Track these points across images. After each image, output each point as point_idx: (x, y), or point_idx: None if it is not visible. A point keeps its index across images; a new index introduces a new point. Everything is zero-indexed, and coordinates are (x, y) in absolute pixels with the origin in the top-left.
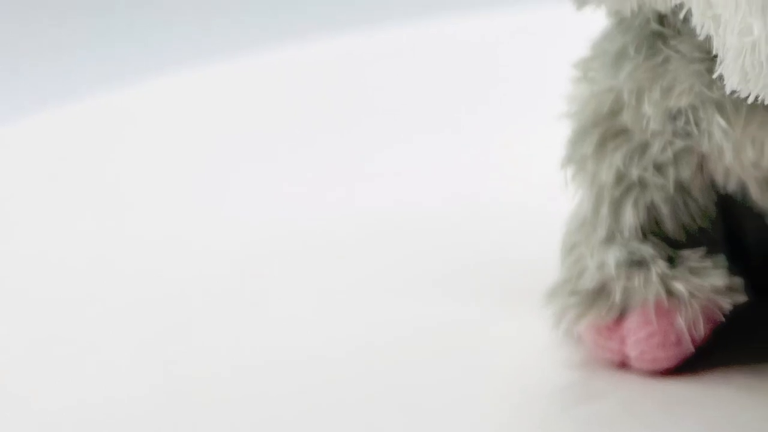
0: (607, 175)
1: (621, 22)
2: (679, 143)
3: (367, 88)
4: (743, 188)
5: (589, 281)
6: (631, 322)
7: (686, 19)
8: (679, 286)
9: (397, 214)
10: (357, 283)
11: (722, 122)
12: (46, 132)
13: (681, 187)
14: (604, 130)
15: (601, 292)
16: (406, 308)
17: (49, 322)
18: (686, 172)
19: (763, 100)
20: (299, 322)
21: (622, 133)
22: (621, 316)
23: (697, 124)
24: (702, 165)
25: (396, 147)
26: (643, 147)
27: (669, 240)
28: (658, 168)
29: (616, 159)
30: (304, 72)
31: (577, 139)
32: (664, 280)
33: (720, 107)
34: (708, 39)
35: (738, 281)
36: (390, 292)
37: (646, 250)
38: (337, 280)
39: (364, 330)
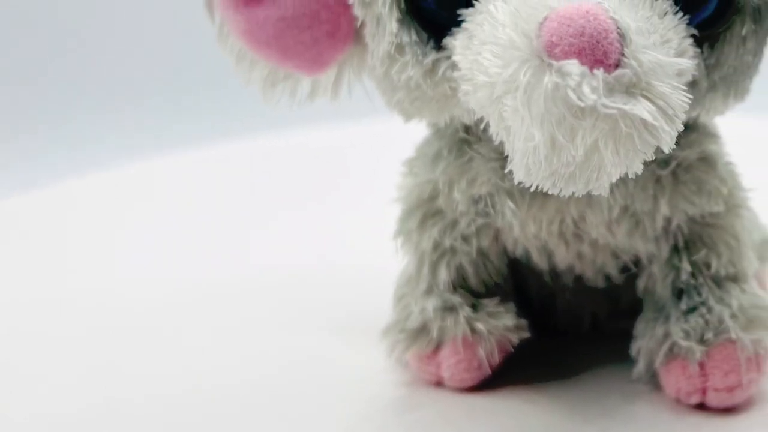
0: (427, 244)
1: (437, 131)
2: (480, 221)
3: (251, 181)
4: (527, 254)
5: (413, 322)
6: (445, 352)
7: (485, 129)
8: (480, 326)
9: (276, 272)
10: (246, 324)
11: (512, 205)
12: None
13: (482, 253)
14: (425, 211)
15: (422, 330)
16: (281, 342)
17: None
18: (485, 242)
19: (542, 189)
20: (202, 351)
21: (438, 213)
22: (437, 348)
23: (493, 207)
24: (497, 236)
25: (274, 224)
26: (454, 223)
27: (473, 291)
28: (465, 239)
29: (433, 232)
30: (214, 169)
31: (405, 218)
32: (469, 321)
33: (510, 194)
34: (501, 143)
35: (523, 322)
36: (270, 331)
37: (456, 299)
38: (231, 321)
39: (252, 358)
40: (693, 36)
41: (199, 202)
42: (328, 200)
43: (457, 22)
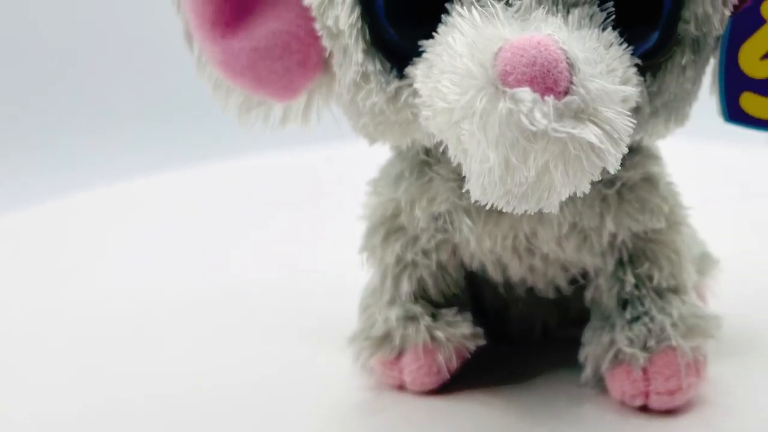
0: (390, 258)
1: (399, 153)
2: (440, 236)
3: (230, 199)
4: (483, 267)
5: (377, 330)
6: (407, 359)
7: (444, 152)
8: (439, 334)
9: (251, 284)
10: (222, 332)
11: (468, 222)
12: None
13: (441, 266)
14: (388, 227)
15: (386, 338)
16: (255, 349)
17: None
18: (444, 256)
19: (496, 207)
20: (182, 358)
21: (400, 229)
22: (399, 354)
23: (451, 223)
24: (455, 251)
25: (250, 239)
26: (415, 239)
27: (432, 302)
28: (425, 253)
29: (396, 247)
30: (195, 188)
31: (370, 234)
32: (429, 330)
33: (467, 212)
34: (459, 165)
35: (479, 330)
36: (244, 339)
37: (417, 309)
38: (209, 330)
39: (228, 363)
40: (637, 65)
41: (182, 219)
42: (299, 217)
43: (418, 53)
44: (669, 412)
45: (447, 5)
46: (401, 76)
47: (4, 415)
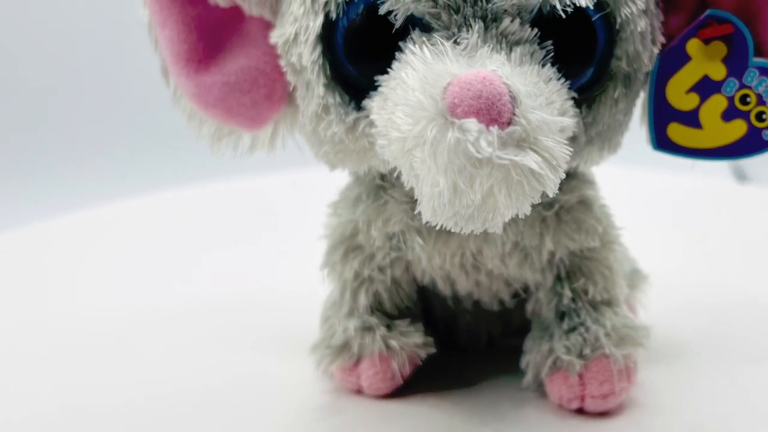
0: (348, 274)
1: (357, 178)
2: (394, 254)
3: (201, 219)
4: (433, 282)
5: (337, 340)
6: (364, 365)
7: (398, 177)
8: (393, 343)
9: (221, 298)
10: (194, 342)
11: (420, 241)
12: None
13: (395, 281)
14: (347, 246)
15: (345, 346)
16: (225, 357)
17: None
18: (398, 272)
19: (446, 227)
20: (155, 366)
21: (358, 248)
22: (357, 361)
23: (405, 242)
24: (408, 267)
25: (219, 257)
26: (372, 256)
27: (387, 314)
28: (381, 269)
29: (354, 264)
30: (175, 210)
31: (330, 252)
32: (384, 339)
33: (419, 231)
34: (411, 189)
35: (430, 339)
36: (214, 348)
37: (373, 320)
38: (181, 340)
39: (200, 370)
40: (573, 98)
41: (158, 239)
42: (266, 236)
43: (375, 87)
44: (603, 414)
45: (400, 44)
46: (359, 108)
47: (4, 415)
